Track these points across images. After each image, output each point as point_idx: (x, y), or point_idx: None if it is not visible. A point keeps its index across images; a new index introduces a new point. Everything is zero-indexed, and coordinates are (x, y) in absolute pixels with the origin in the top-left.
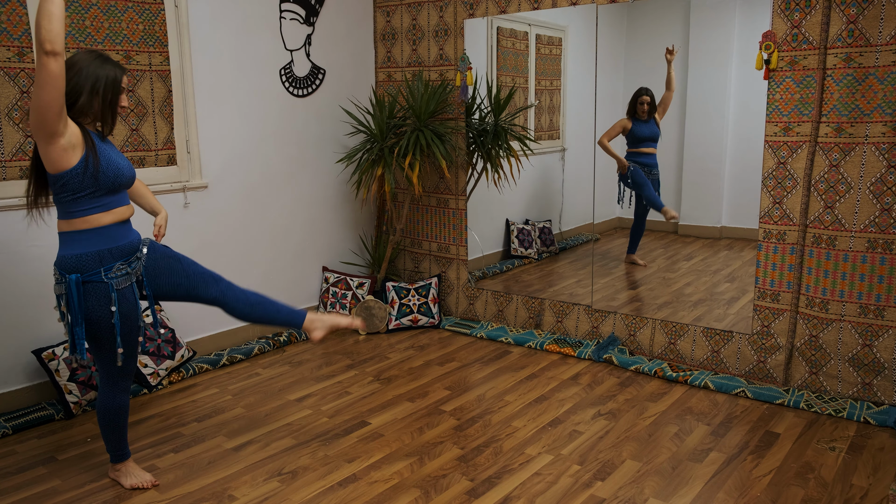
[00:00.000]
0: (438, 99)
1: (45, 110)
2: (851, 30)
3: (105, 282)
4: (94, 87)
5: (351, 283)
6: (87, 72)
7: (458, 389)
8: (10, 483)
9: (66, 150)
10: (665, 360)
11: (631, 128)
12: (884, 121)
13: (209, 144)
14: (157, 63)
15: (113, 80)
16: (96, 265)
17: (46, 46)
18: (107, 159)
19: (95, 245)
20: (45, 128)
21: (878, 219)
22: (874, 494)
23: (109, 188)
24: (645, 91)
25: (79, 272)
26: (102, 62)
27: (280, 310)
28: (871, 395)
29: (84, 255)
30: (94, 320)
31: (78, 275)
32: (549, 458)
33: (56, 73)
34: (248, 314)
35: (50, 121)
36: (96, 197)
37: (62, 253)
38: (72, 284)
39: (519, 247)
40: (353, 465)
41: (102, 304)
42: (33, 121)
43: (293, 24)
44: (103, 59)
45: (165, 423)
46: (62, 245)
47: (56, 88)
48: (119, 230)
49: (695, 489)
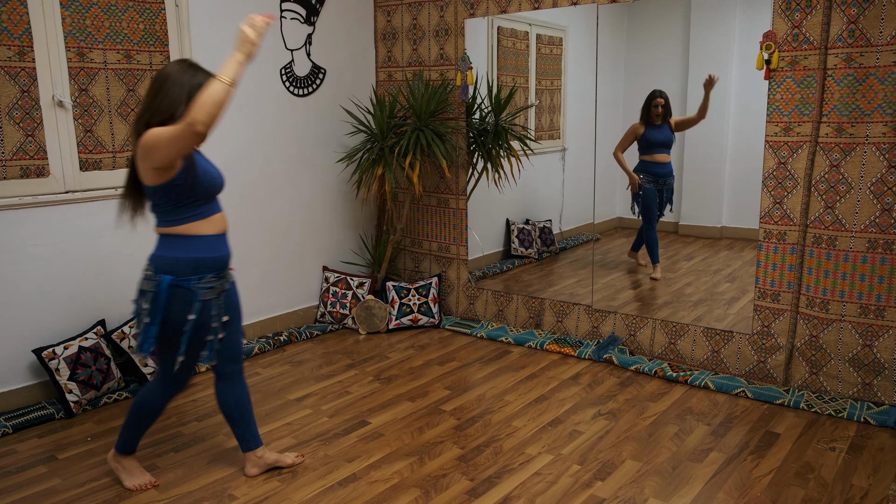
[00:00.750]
0: (439, 99)
1: (171, 160)
2: (852, 30)
3: (192, 290)
4: (189, 97)
5: (351, 282)
6: (180, 82)
7: (458, 389)
8: (10, 482)
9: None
10: (665, 360)
11: (643, 133)
12: (884, 121)
13: (209, 144)
14: (157, 63)
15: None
16: (190, 272)
17: (199, 128)
18: (202, 169)
19: (192, 252)
20: (162, 168)
21: (879, 219)
22: (874, 495)
23: (205, 196)
24: (659, 93)
25: (172, 275)
26: (194, 71)
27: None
28: (872, 396)
29: (181, 259)
30: (169, 323)
31: (172, 277)
32: (550, 457)
33: (193, 144)
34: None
35: (170, 165)
36: (194, 206)
37: (160, 253)
38: (163, 285)
39: (519, 246)
40: (353, 464)
41: (183, 310)
42: (150, 161)
43: (294, 24)
44: (194, 68)
45: (165, 423)
46: (161, 246)
47: (188, 149)
48: (215, 241)
49: (695, 489)
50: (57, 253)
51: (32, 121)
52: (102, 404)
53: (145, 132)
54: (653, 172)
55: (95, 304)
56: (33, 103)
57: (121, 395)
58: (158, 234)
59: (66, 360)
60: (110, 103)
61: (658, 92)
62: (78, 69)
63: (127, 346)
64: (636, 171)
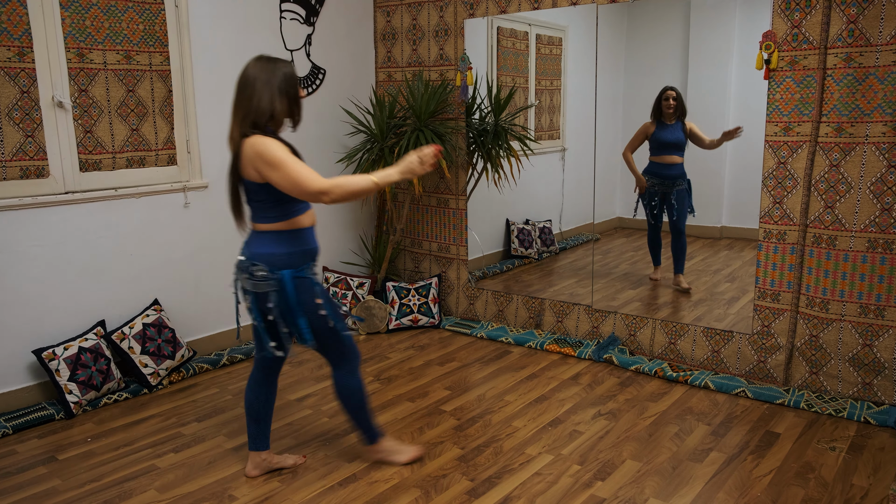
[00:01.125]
0: (438, 99)
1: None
2: (852, 30)
3: (308, 277)
4: (280, 91)
5: (351, 282)
6: (264, 80)
7: (458, 389)
8: (10, 483)
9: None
10: (665, 360)
11: (654, 132)
12: (884, 121)
13: (209, 144)
14: (157, 63)
15: (290, 76)
16: (302, 262)
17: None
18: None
19: (299, 245)
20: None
21: (879, 218)
22: (874, 494)
23: None
24: (670, 88)
25: (290, 268)
26: (273, 65)
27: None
28: (872, 395)
29: (293, 252)
30: (307, 313)
31: (291, 270)
32: (550, 457)
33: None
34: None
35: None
36: (297, 201)
37: (270, 250)
38: (286, 280)
39: (519, 247)
40: (354, 464)
41: (310, 298)
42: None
43: (293, 24)
44: (269, 61)
45: (165, 423)
46: (264, 244)
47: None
48: (312, 233)
49: (695, 489)
50: (57, 253)
51: (32, 121)
52: (102, 405)
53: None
54: (659, 174)
55: (95, 305)
56: (33, 104)
57: (121, 395)
58: (258, 231)
59: (66, 360)
60: (110, 104)
61: (670, 87)
62: (78, 70)
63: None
64: (644, 172)
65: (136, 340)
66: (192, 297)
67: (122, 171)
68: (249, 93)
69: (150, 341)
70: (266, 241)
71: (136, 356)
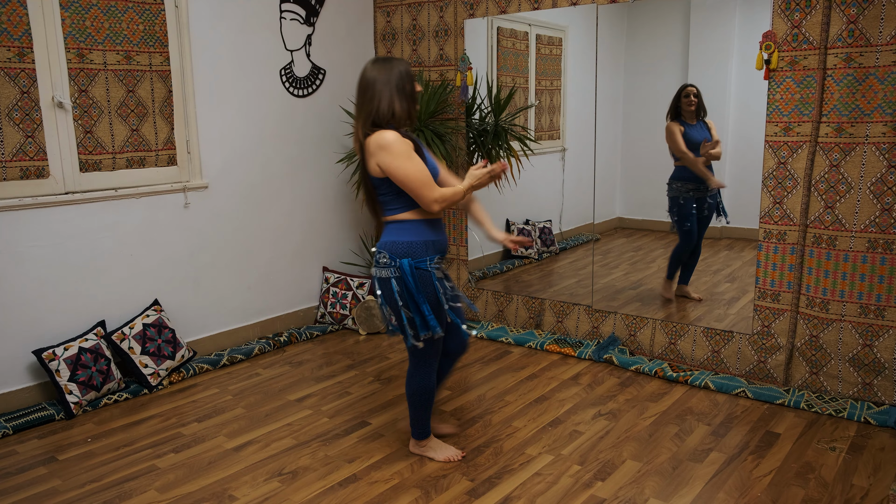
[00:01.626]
0: (438, 99)
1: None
2: (852, 30)
3: (429, 270)
4: (399, 91)
5: (351, 283)
6: (383, 81)
7: (458, 389)
8: (10, 483)
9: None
10: (665, 360)
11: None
12: (884, 121)
13: (209, 144)
14: (157, 63)
15: (406, 73)
16: (424, 253)
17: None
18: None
19: (422, 235)
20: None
21: (879, 219)
22: (874, 494)
23: None
24: (690, 85)
25: (410, 257)
26: (389, 65)
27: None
28: (872, 395)
29: (414, 242)
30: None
31: (410, 259)
32: (550, 458)
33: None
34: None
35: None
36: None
37: (392, 238)
38: (405, 267)
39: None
40: (354, 465)
41: (427, 289)
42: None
43: (293, 25)
44: (385, 61)
45: (166, 423)
46: (391, 232)
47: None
48: (437, 225)
49: (695, 489)
50: (57, 253)
51: (32, 122)
52: (102, 405)
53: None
54: (695, 178)
55: (95, 305)
56: (33, 104)
57: (121, 396)
58: (387, 222)
59: (66, 361)
60: (110, 104)
61: (689, 84)
62: (78, 70)
63: (138, 350)
64: (677, 180)
65: (137, 341)
66: (192, 298)
67: (122, 171)
68: (370, 95)
69: (150, 341)
70: (391, 230)
71: (137, 356)
